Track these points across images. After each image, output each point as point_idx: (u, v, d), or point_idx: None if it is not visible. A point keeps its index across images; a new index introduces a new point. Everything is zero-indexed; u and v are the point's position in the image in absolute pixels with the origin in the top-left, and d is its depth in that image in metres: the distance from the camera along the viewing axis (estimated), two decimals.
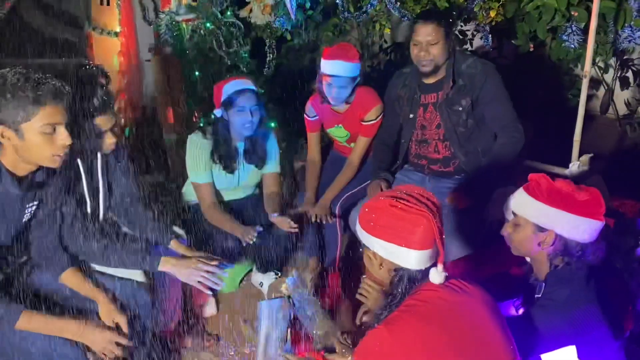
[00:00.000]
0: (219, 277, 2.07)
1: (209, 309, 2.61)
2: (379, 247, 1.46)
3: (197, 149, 2.56)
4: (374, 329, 1.40)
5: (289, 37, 3.63)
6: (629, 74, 3.34)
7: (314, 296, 2.19)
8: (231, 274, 2.57)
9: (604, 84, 3.44)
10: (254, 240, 2.38)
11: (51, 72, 1.63)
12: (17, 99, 1.52)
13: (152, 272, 2.08)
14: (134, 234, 2.17)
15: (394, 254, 1.43)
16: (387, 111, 2.69)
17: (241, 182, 2.70)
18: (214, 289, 2.11)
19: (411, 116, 2.57)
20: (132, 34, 4.34)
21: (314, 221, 2.64)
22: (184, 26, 3.54)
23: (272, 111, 3.48)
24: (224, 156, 2.57)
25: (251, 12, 3.48)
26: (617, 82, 3.36)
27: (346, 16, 3.33)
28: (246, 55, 3.53)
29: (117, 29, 4.36)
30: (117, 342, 1.76)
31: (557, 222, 1.59)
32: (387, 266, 1.47)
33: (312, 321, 2.03)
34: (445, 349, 1.33)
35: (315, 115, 2.83)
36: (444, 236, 1.41)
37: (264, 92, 3.52)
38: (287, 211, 2.63)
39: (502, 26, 3.15)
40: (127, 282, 1.99)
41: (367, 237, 1.48)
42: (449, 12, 2.95)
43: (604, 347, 1.58)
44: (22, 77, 1.53)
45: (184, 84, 3.60)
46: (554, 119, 3.15)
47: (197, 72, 3.50)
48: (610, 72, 3.38)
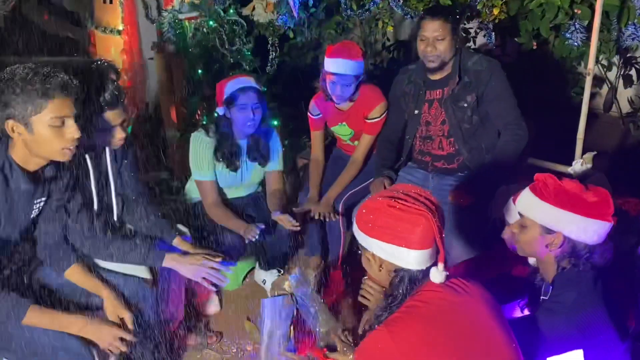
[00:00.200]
0: (222, 273, 2.07)
1: (212, 307, 2.62)
2: (378, 249, 1.43)
3: (200, 147, 2.56)
4: (375, 330, 1.38)
5: (292, 35, 3.63)
6: (633, 72, 3.34)
7: (317, 294, 2.20)
8: (234, 272, 2.58)
9: (607, 82, 3.43)
10: (256, 237, 2.39)
11: (63, 68, 1.64)
12: (25, 93, 1.53)
13: (156, 269, 2.09)
14: (139, 230, 2.18)
15: (393, 254, 1.41)
16: (391, 108, 2.69)
17: (244, 180, 2.70)
18: (217, 286, 2.11)
19: (416, 112, 2.57)
20: (135, 32, 4.34)
21: (317, 219, 2.64)
22: (187, 24, 3.54)
23: (275, 109, 3.49)
24: (227, 154, 2.57)
25: (254, 10, 3.47)
26: (621, 80, 3.35)
27: (349, 14, 3.33)
28: (249, 53, 3.53)
29: (120, 27, 4.36)
30: (121, 338, 1.76)
31: (566, 224, 1.55)
32: (387, 267, 1.45)
33: (315, 318, 2.03)
34: (447, 350, 1.32)
35: (318, 113, 2.83)
36: (443, 235, 1.39)
37: (266, 90, 3.52)
38: (291, 209, 2.63)
39: (505, 24, 3.14)
40: (132, 278, 2.00)
41: (365, 239, 1.46)
42: (455, 8, 2.95)
43: (611, 350, 1.56)
44: (31, 72, 1.54)
45: (186, 82, 3.60)
46: (557, 117, 3.13)
47: (199, 70, 3.50)
48: (613, 70, 3.37)
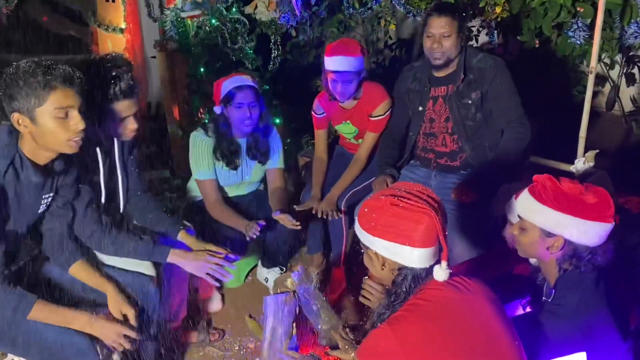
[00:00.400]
0: (226, 269, 2.08)
1: (215, 304, 2.63)
2: (381, 247, 1.42)
3: (200, 146, 2.56)
4: (377, 328, 1.37)
5: (294, 33, 3.63)
6: (635, 70, 3.33)
7: (319, 291, 2.20)
8: (237, 269, 2.58)
9: (610, 81, 3.43)
10: (257, 234, 2.39)
11: (78, 63, 1.66)
12: (28, 85, 1.54)
13: (160, 265, 2.09)
14: (143, 224, 2.18)
15: (396, 253, 1.40)
16: (396, 105, 2.69)
17: (245, 178, 2.71)
18: (220, 282, 2.12)
19: (420, 109, 2.57)
20: (138, 30, 4.35)
21: (320, 217, 2.65)
22: (189, 22, 3.54)
23: (277, 107, 3.49)
24: (226, 153, 2.57)
25: (256, 8, 3.48)
26: (623, 79, 3.35)
27: (351, 12, 3.33)
28: (251, 51, 3.54)
29: (123, 26, 4.37)
30: (125, 335, 1.76)
31: (566, 227, 1.53)
32: (389, 266, 1.44)
33: (317, 316, 2.03)
34: (449, 348, 1.31)
35: (322, 112, 2.83)
36: (446, 232, 1.39)
37: (268, 88, 3.53)
38: (293, 207, 2.63)
39: (508, 22, 3.14)
40: (136, 275, 2.00)
41: (367, 237, 1.45)
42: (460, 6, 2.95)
43: (613, 351, 1.55)
44: (34, 64, 1.56)
45: (189, 80, 3.61)
46: (560, 115, 3.13)
47: (202, 69, 3.51)
48: (616, 69, 3.36)
